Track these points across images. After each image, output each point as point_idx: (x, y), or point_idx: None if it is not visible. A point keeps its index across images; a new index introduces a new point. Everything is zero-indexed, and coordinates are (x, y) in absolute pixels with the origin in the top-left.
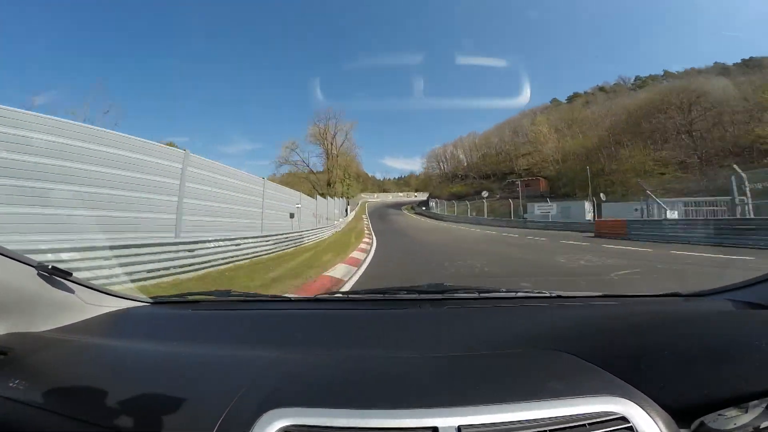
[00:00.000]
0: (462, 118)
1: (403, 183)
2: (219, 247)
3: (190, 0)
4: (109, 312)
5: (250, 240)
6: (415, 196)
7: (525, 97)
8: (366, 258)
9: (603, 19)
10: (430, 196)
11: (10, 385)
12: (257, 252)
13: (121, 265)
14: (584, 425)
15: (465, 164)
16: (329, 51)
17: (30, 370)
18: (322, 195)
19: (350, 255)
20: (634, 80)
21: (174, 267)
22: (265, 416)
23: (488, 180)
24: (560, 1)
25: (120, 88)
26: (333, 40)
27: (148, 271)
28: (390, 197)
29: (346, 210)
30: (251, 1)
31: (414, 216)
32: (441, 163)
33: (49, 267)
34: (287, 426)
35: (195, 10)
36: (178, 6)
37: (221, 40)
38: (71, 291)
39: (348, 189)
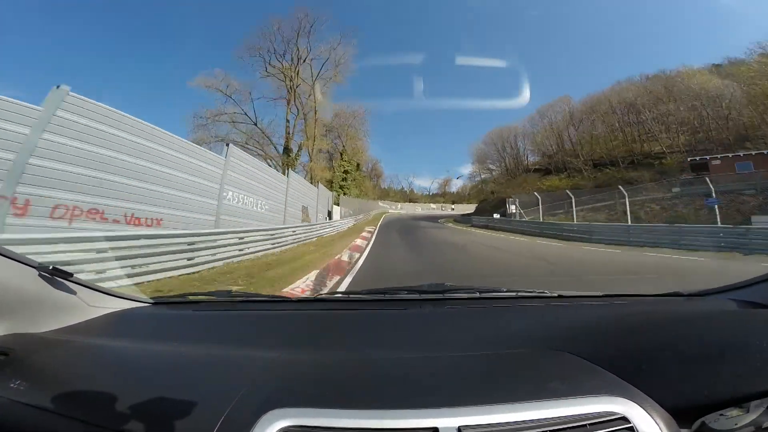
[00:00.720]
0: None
1: (439, 196)
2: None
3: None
4: (110, 313)
5: None
6: (452, 209)
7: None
8: None
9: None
10: (487, 205)
11: (11, 385)
12: None
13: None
14: (585, 425)
15: (554, 147)
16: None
17: (31, 370)
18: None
19: None
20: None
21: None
22: (266, 416)
23: (611, 168)
24: None
25: None
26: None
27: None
28: (419, 209)
29: (329, 213)
30: None
31: (479, 231)
32: (502, 154)
33: (50, 268)
34: (288, 426)
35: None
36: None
37: (214, 38)
38: (72, 292)
39: (347, 179)
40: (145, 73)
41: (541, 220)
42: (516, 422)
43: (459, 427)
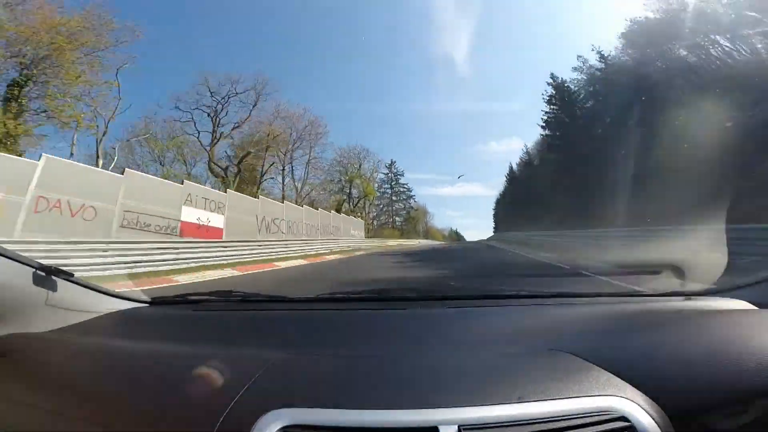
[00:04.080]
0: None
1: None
2: None
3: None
4: (110, 313)
5: None
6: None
7: None
8: None
9: None
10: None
11: (12, 386)
12: None
13: None
14: (585, 424)
15: None
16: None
17: (31, 371)
18: None
19: None
20: None
21: None
22: (266, 416)
23: None
24: None
25: None
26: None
27: None
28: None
29: None
30: None
31: None
32: None
33: (51, 268)
34: (288, 426)
35: None
36: None
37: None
38: (72, 292)
39: None
40: None
41: None
42: (516, 421)
43: (459, 426)
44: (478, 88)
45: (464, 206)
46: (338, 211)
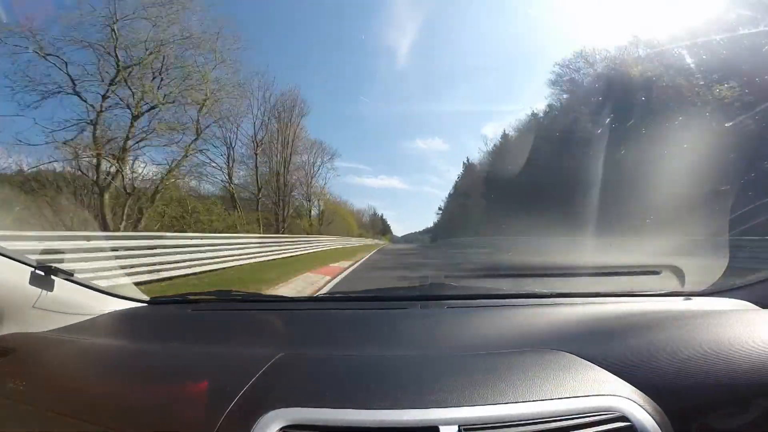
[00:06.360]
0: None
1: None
2: None
3: None
4: (110, 312)
5: None
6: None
7: None
8: None
9: None
10: None
11: (11, 385)
12: None
13: None
14: (585, 424)
15: None
16: None
17: (31, 370)
18: None
19: None
20: None
21: None
22: (266, 416)
23: None
24: None
25: None
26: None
27: None
28: None
29: None
30: None
31: None
32: None
33: (50, 267)
34: (288, 426)
35: None
36: None
37: None
38: (72, 291)
39: None
40: None
41: None
42: (516, 421)
43: (460, 425)
44: (412, 84)
45: (383, 197)
46: None
